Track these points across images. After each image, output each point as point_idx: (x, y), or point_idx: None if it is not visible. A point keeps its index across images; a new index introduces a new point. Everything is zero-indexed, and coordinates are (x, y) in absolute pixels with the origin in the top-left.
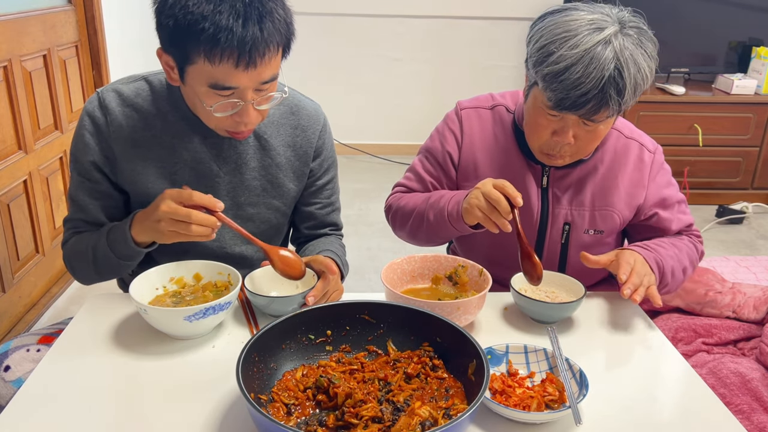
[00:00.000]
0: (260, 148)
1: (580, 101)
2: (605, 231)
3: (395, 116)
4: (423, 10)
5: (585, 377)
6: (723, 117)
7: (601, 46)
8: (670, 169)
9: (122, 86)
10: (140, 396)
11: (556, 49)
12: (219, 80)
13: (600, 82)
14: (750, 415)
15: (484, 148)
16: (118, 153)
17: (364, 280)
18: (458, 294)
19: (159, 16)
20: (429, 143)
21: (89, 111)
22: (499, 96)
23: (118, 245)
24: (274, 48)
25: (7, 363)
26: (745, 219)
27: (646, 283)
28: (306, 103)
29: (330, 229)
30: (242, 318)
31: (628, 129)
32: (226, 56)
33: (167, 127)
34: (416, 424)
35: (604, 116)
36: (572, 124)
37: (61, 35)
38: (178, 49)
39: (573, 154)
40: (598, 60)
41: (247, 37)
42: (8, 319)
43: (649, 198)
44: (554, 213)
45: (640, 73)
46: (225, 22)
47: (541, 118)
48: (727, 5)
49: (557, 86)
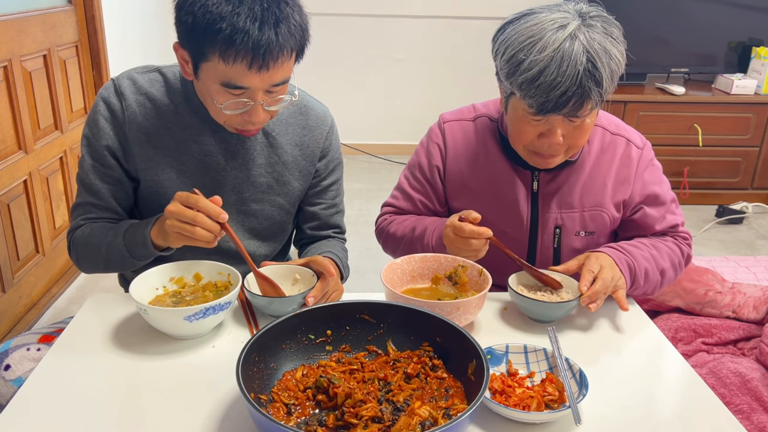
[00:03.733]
0: (268, 145)
1: (561, 101)
2: (596, 232)
3: (395, 116)
4: (423, 10)
5: (585, 377)
6: (723, 117)
7: (569, 41)
8: (662, 166)
9: (137, 75)
10: (140, 396)
11: (525, 56)
12: (232, 80)
13: (577, 78)
14: (750, 415)
15: (469, 160)
16: (131, 139)
17: (364, 280)
18: (458, 294)
19: (179, 12)
20: (414, 158)
21: (104, 97)
22: (481, 106)
23: (137, 247)
24: (288, 52)
25: (8, 362)
26: (745, 219)
27: (611, 289)
28: (315, 104)
29: (333, 231)
30: (242, 318)
31: (614, 125)
32: (241, 57)
33: (178, 118)
34: (416, 424)
35: (588, 110)
36: (558, 123)
37: (61, 35)
38: (195, 45)
39: (566, 151)
40: (569, 56)
41: (263, 40)
42: (8, 319)
43: (635, 194)
44: (544, 218)
45: (612, 60)
46: (242, 24)
47: (525, 125)
48: (727, 5)
49: (535, 92)
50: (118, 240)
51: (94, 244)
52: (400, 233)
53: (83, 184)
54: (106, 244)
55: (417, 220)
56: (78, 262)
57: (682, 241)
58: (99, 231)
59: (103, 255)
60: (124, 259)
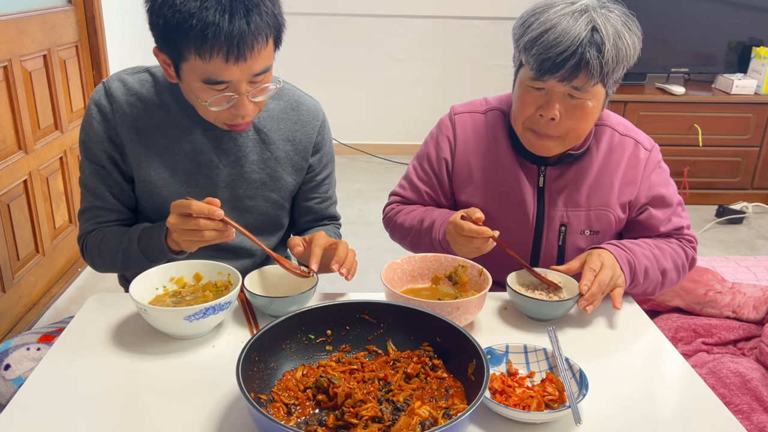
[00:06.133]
0: (260, 141)
1: (559, 60)
2: (601, 231)
3: (395, 116)
4: (423, 10)
5: (585, 377)
6: (723, 117)
7: (578, 13)
8: (669, 169)
9: (127, 76)
10: (140, 396)
11: (534, 19)
12: (211, 75)
13: (578, 39)
14: (750, 415)
15: (479, 152)
16: (125, 139)
17: (364, 280)
18: (458, 294)
19: (150, 16)
20: (423, 149)
21: (96, 100)
22: (493, 99)
23: (153, 252)
24: (263, 40)
25: (8, 361)
26: (744, 219)
27: (610, 285)
28: (306, 99)
29: (328, 221)
30: (242, 318)
31: (624, 126)
32: (216, 51)
33: (169, 118)
34: (416, 424)
35: (586, 80)
36: (558, 98)
37: (61, 35)
38: (171, 47)
39: (563, 136)
40: (576, 22)
41: (234, 31)
42: (8, 318)
43: (641, 195)
44: (550, 215)
45: (621, 40)
46: (212, 18)
47: (526, 95)
48: (727, 5)
49: (537, 49)
50: (133, 247)
51: (109, 251)
52: (408, 224)
53: (86, 188)
54: (121, 250)
55: (425, 212)
56: (93, 265)
57: (686, 243)
58: (111, 237)
59: (120, 260)
60: (142, 262)
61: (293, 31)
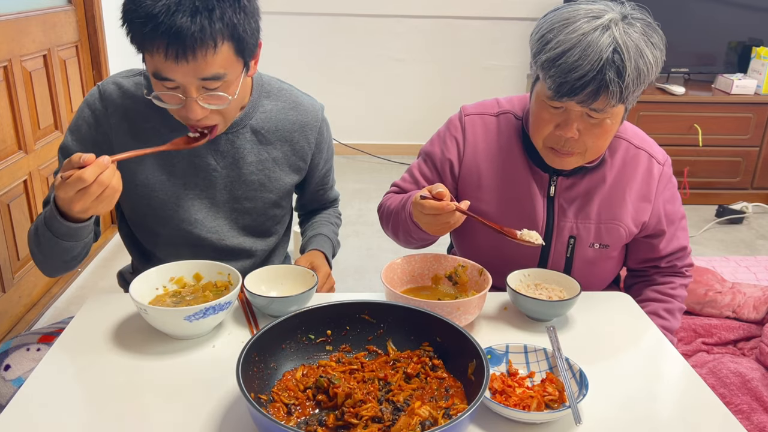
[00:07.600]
0: (257, 142)
1: (578, 84)
2: (610, 245)
3: (395, 116)
4: (423, 10)
5: (585, 377)
6: (723, 117)
7: (600, 31)
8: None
9: (122, 80)
10: (140, 396)
11: (554, 36)
12: (157, 69)
13: (598, 64)
14: (750, 415)
15: (488, 156)
16: (116, 144)
17: (364, 280)
18: (458, 294)
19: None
20: (429, 147)
21: (90, 103)
22: (505, 102)
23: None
24: (211, 44)
25: (8, 362)
26: (744, 219)
27: None
28: (304, 99)
29: (329, 203)
30: (242, 318)
31: (639, 138)
32: (156, 45)
33: (166, 120)
34: (416, 424)
35: (605, 104)
36: (575, 117)
37: (61, 35)
38: (133, 43)
39: (582, 152)
40: (596, 44)
41: (174, 27)
42: (8, 319)
43: (654, 214)
44: (559, 226)
45: (642, 59)
46: (156, 11)
47: (543, 112)
48: (727, 5)
49: (555, 71)
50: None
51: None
52: (394, 206)
53: None
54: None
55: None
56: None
57: (685, 275)
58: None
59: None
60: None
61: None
